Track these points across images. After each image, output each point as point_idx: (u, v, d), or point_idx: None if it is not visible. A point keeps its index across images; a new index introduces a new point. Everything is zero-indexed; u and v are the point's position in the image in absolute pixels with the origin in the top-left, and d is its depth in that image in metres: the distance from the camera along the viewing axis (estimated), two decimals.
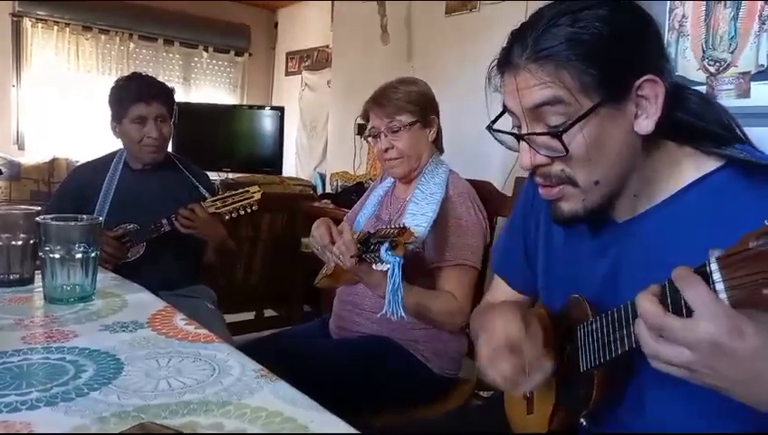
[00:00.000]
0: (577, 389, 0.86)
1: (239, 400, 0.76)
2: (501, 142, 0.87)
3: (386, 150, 1.58)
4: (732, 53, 1.86)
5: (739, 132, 0.81)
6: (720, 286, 0.58)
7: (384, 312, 1.24)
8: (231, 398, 0.76)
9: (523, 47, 0.77)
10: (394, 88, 1.59)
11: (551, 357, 0.85)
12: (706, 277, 0.60)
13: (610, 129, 0.76)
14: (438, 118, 1.64)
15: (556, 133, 0.75)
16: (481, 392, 1.65)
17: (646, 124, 0.77)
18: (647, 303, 0.63)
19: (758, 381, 0.60)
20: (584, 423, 0.86)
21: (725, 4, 1.87)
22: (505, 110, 0.85)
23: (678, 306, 0.61)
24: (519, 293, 1.12)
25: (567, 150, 0.76)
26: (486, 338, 0.87)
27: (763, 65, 1.79)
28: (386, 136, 1.57)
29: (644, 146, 0.79)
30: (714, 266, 0.59)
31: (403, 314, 1.24)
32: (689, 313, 0.60)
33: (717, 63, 1.89)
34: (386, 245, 1.20)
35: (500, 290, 1.16)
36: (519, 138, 0.81)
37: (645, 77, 0.75)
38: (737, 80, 1.84)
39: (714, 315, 0.58)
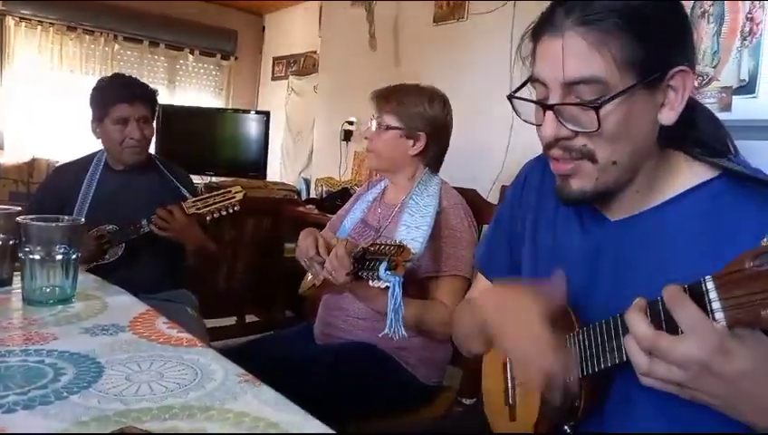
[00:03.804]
0: (562, 398, 0.85)
1: (222, 404, 0.75)
2: (517, 113, 0.85)
3: (369, 138, 1.63)
4: (714, 67, 1.89)
5: (731, 147, 0.82)
6: (717, 305, 0.59)
7: (386, 332, 1.24)
8: (214, 403, 0.75)
9: (569, 10, 0.74)
10: (406, 92, 1.60)
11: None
12: (702, 295, 0.60)
13: (639, 112, 0.76)
14: (436, 140, 1.61)
15: (594, 106, 0.73)
16: (463, 400, 1.65)
17: (669, 115, 0.77)
18: (637, 323, 0.64)
19: (743, 399, 0.61)
20: (567, 430, 0.86)
21: (709, 20, 1.90)
22: (528, 79, 0.82)
23: (670, 324, 0.62)
24: None
25: (600, 125, 0.74)
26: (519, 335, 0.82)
27: (744, 80, 1.82)
28: (374, 129, 1.62)
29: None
30: (710, 285, 0.59)
31: (404, 333, 1.23)
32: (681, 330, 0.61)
33: (700, 78, 1.92)
34: (385, 264, 1.19)
35: (481, 288, 1.14)
36: (548, 107, 0.77)
37: (680, 67, 0.75)
38: (719, 94, 1.88)
39: (702, 336, 0.59)
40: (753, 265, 0.56)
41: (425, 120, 1.57)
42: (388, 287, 1.23)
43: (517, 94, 0.83)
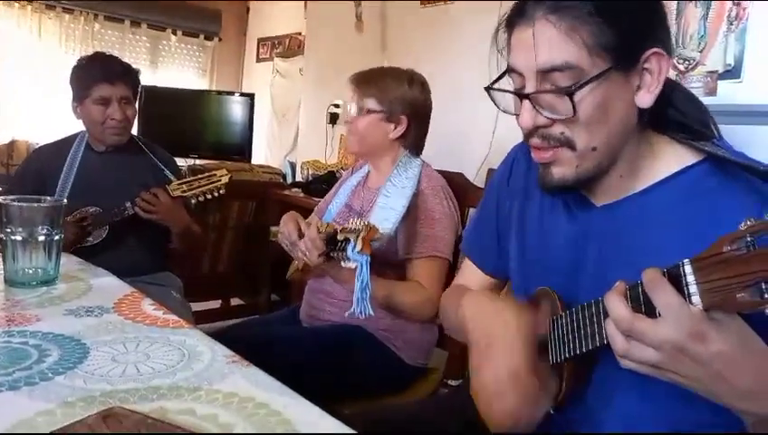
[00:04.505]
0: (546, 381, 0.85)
1: (210, 385, 0.74)
2: (496, 104, 0.85)
3: (349, 122, 1.62)
4: (701, 52, 1.90)
5: (714, 130, 0.82)
6: (693, 289, 0.60)
7: (352, 311, 1.24)
8: (202, 383, 0.75)
9: None
10: (385, 75, 1.60)
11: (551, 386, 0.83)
12: (680, 278, 0.61)
13: (615, 96, 0.76)
14: (417, 123, 1.60)
15: (569, 92, 0.74)
16: (449, 381, 1.66)
17: (646, 98, 0.77)
18: (616, 305, 0.65)
19: (719, 382, 0.62)
20: (552, 412, 0.86)
21: (696, 4, 1.90)
22: (507, 70, 0.82)
23: (649, 307, 0.63)
24: (489, 276, 1.11)
25: (575, 111, 0.74)
26: (491, 366, 0.82)
27: (730, 65, 1.83)
28: (355, 113, 1.61)
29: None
30: (688, 269, 0.60)
31: (371, 311, 1.23)
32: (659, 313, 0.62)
33: (686, 62, 1.92)
34: (352, 244, 1.20)
35: (469, 273, 1.14)
36: (524, 96, 0.78)
37: (654, 49, 0.75)
38: (705, 78, 1.88)
39: (678, 319, 0.60)
40: (730, 250, 0.57)
41: (405, 103, 1.57)
42: None
43: (495, 85, 0.84)
